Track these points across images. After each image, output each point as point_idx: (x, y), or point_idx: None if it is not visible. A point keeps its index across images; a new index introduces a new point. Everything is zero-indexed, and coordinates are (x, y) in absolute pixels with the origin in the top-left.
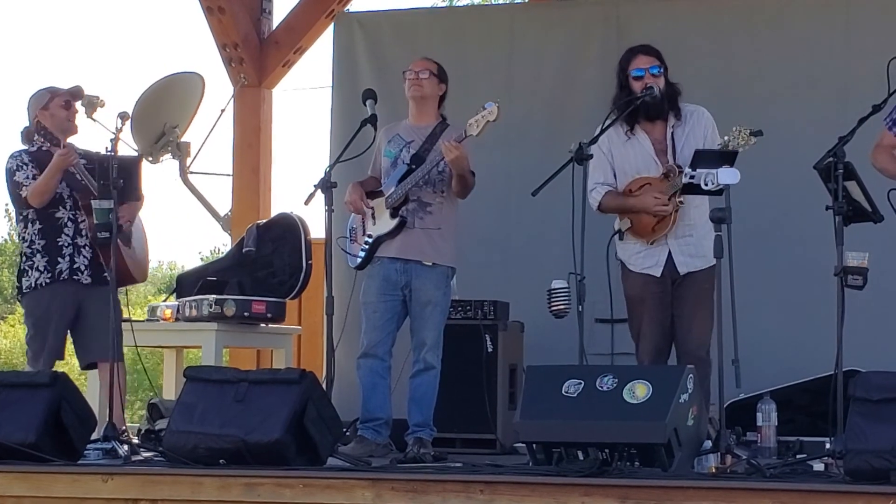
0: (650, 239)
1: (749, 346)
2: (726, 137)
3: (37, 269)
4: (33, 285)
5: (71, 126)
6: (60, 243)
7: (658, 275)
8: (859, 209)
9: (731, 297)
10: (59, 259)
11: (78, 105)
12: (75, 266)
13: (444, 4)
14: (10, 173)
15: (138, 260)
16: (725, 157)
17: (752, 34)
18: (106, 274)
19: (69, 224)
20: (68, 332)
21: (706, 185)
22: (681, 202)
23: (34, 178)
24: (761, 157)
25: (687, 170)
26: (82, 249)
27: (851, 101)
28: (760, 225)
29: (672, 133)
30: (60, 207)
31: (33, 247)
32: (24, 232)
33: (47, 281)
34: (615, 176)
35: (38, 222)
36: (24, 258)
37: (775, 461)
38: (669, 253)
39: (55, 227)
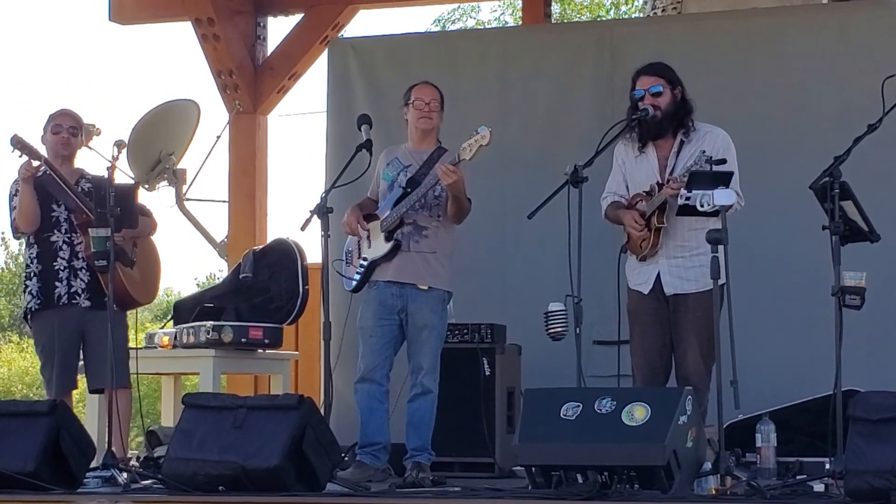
0: (639, 255)
1: (747, 366)
2: (690, 163)
3: (30, 293)
4: (26, 310)
5: (62, 150)
6: (56, 267)
7: (646, 292)
8: (856, 229)
9: (730, 317)
10: (57, 283)
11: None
12: (73, 290)
13: (437, 29)
14: (9, 199)
15: (141, 281)
16: (721, 178)
17: (746, 55)
18: (106, 299)
19: (64, 247)
20: (80, 356)
21: (702, 206)
22: (661, 224)
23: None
24: (757, 177)
25: (683, 191)
26: (79, 273)
27: (847, 121)
28: (757, 245)
29: (678, 150)
30: (56, 231)
31: (29, 271)
32: (25, 256)
33: (37, 306)
34: (627, 188)
35: (35, 246)
36: (23, 283)
37: (775, 482)
38: (659, 272)
39: (50, 251)
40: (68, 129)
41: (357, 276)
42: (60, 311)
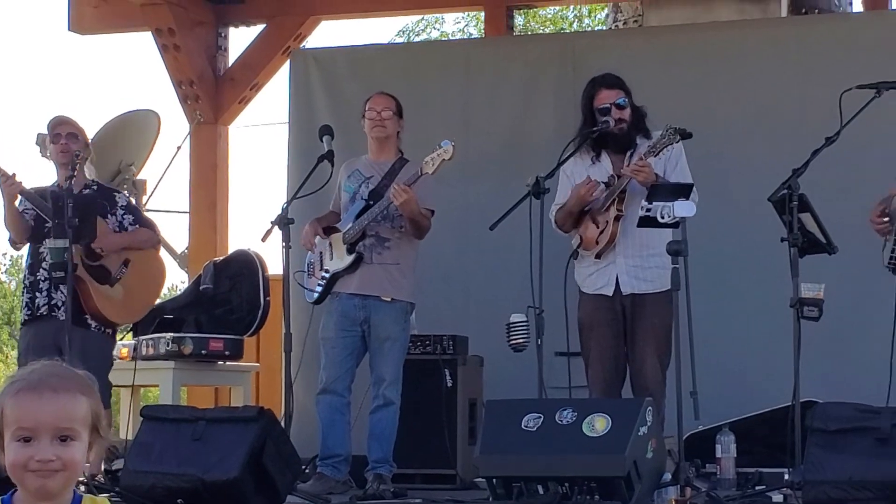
0: (596, 251)
1: (707, 377)
2: (656, 137)
3: (23, 304)
4: (20, 322)
5: (61, 158)
6: (39, 278)
7: (610, 293)
8: (814, 241)
9: (689, 328)
10: (37, 294)
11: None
12: (53, 302)
13: (401, 41)
14: None
15: (123, 301)
16: (681, 190)
17: (705, 67)
18: (87, 315)
19: (48, 258)
20: None
21: (662, 217)
22: (620, 212)
23: (22, 213)
24: (716, 189)
25: (643, 202)
26: (61, 285)
27: (805, 134)
28: (717, 257)
29: (633, 153)
30: (44, 241)
31: (24, 282)
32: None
33: (26, 317)
34: None
35: (28, 257)
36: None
37: (735, 493)
38: (617, 274)
39: (37, 262)
40: (67, 136)
41: (319, 288)
42: (40, 323)
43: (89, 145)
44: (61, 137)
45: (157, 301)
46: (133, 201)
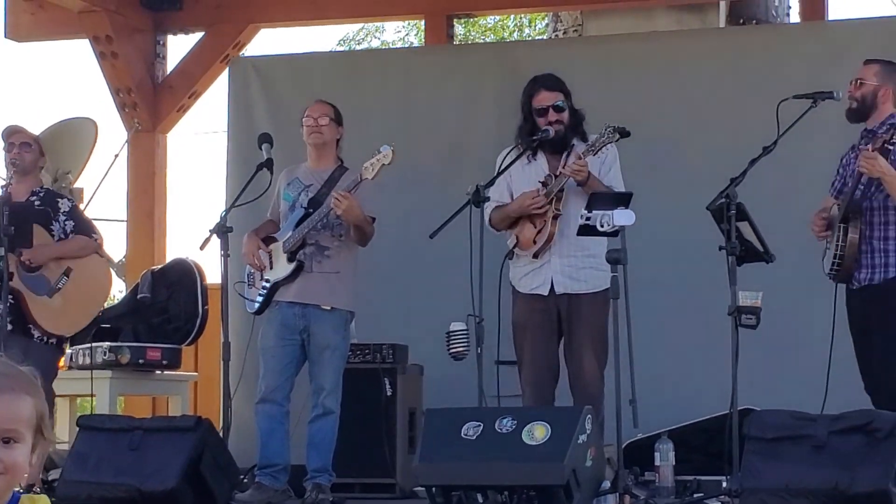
0: (533, 251)
1: (646, 386)
2: (596, 136)
3: None
4: None
5: (11, 165)
6: None
7: (545, 293)
8: (752, 249)
9: (629, 337)
10: None
11: None
12: None
13: (343, 49)
14: None
15: (61, 310)
16: (621, 199)
17: (644, 76)
18: (30, 325)
19: None
20: None
21: (602, 226)
22: (558, 212)
23: None
24: (655, 197)
25: (583, 211)
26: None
27: (743, 143)
28: (655, 265)
29: (569, 153)
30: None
31: None
32: None
33: None
34: (512, 196)
35: None
36: None
37: (673, 501)
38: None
39: None
40: (20, 145)
41: (260, 298)
42: None
43: (45, 154)
44: (14, 147)
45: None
46: (76, 207)
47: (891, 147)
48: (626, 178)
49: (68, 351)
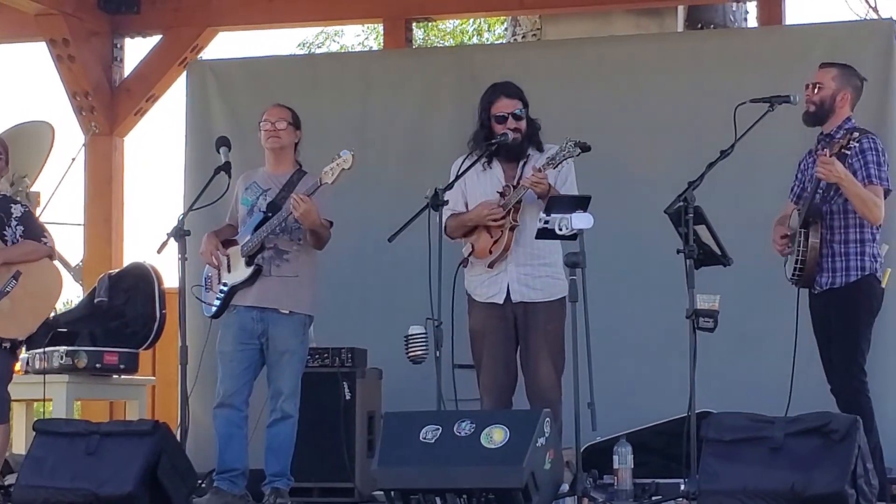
0: (488, 260)
1: (604, 389)
2: (556, 148)
3: None
4: None
5: None
6: None
7: (501, 302)
8: (709, 252)
9: (587, 340)
10: None
11: None
12: None
13: (303, 52)
14: None
15: (10, 313)
16: (579, 202)
17: (602, 80)
18: None
19: None
20: None
21: (560, 229)
22: (515, 223)
23: None
24: (613, 201)
25: (542, 214)
26: None
27: (700, 147)
28: (613, 269)
29: (525, 163)
30: None
31: None
32: None
33: None
34: (466, 205)
35: None
36: None
37: (632, 503)
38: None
39: None
40: None
41: (217, 302)
42: None
43: (8, 164)
44: None
45: (52, 314)
46: (29, 212)
47: (847, 152)
48: (585, 181)
49: (24, 355)
